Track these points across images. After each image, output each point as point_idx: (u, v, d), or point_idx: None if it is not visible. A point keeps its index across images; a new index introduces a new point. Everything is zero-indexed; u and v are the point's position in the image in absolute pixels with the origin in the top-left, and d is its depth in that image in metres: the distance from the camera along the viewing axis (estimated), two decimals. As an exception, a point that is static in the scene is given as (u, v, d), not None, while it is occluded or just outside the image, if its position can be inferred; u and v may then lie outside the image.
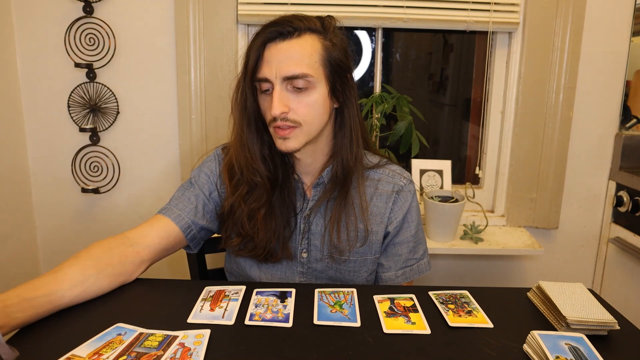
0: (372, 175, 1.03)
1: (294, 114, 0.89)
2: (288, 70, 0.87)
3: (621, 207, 1.65)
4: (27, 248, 1.68)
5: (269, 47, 0.89)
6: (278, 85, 0.88)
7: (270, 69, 0.88)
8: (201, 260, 1.20)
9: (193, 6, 1.54)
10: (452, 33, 1.80)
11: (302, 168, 1.01)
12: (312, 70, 0.89)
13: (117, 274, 0.86)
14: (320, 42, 0.91)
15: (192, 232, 0.99)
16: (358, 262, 1.01)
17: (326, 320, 0.76)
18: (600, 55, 1.63)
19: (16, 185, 1.62)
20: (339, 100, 0.95)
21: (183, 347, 0.67)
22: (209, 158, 1.07)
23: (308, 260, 1.01)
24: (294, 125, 0.90)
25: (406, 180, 1.04)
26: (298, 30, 0.89)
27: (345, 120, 0.96)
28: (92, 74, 1.59)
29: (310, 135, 0.92)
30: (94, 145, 1.65)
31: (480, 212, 1.71)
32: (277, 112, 0.87)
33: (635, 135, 1.67)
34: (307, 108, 0.90)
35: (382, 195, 1.02)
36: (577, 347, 0.64)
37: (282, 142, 0.91)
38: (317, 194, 1.01)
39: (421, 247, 1.07)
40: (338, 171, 0.97)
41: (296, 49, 0.88)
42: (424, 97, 1.89)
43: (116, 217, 1.71)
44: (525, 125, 1.65)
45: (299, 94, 0.89)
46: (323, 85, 0.91)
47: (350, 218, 0.98)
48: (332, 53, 0.91)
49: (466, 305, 0.82)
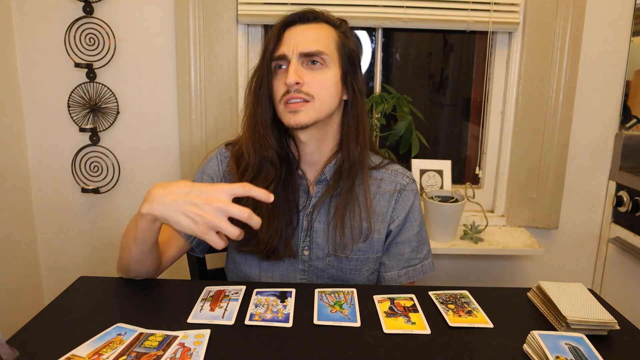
0: (375, 175, 1.04)
1: (307, 87, 0.92)
2: (305, 46, 0.92)
3: (621, 207, 1.65)
4: (27, 248, 1.68)
5: (288, 30, 0.95)
6: (294, 59, 0.92)
7: (288, 46, 0.93)
8: (201, 260, 1.20)
9: (193, 6, 1.54)
10: (452, 33, 1.80)
11: (306, 158, 1.02)
12: (328, 50, 0.94)
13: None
14: (336, 32, 0.97)
15: (196, 239, 0.99)
16: (360, 261, 1.01)
17: (326, 320, 0.76)
18: (600, 55, 1.63)
19: (16, 185, 1.62)
20: (349, 92, 0.98)
21: (183, 347, 0.67)
22: (210, 158, 1.08)
23: (309, 258, 1.01)
24: (306, 98, 0.92)
25: (409, 179, 1.06)
26: (317, 19, 0.96)
27: (353, 114, 0.99)
28: (92, 74, 1.59)
29: (320, 113, 0.94)
30: (94, 145, 1.65)
31: (480, 212, 1.71)
32: (292, 80, 0.90)
33: (635, 135, 1.67)
34: (321, 83, 0.93)
35: (384, 194, 1.03)
36: (577, 347, 0.64)
37: (292, 115, 0.92)
38: (320, 190, 1.01)
39: (424, 247, 1.07)
40: (344, 165, 0.98)
41: (314, 30, 0.95)
42: (424, 97, 1.89)
43: (116, 217, 1.71)
44: (525, 125, 1.65)
45: (313, 70, 0.93)
46: (336, 68, 0.95)
47: (355, 214, 0.98)
48: (347, 43, 0.97)
49: (466, 305, 0.82)
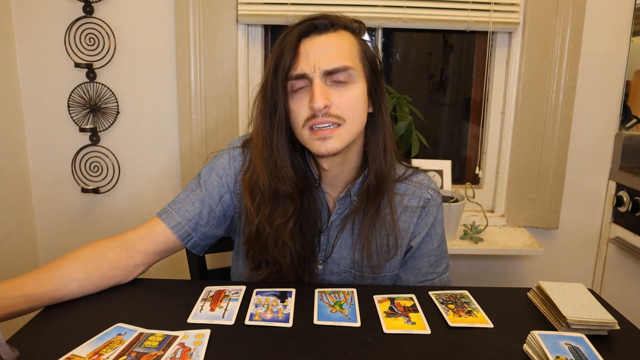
0: (399, 188, 0.96)
1: (336, 109, 0.82)
2: (329, 63, 0.81)
3: (621, 207, 1.65)
4: (27, 248, 1.68)
5: (303, 42, 0.82)
6: (318, 79, 0.81)
7: (308, 63, 0.81)
8: (201, 260, 1.20)
9: (193, 6, 1.54)
10: (452, 33, 1.80)
11: (328, 180, 0.93)
12: (353, 64, 0.83)
13: (105, 278, 0.84)
14: (357, 39, 0.87)
15: (193, 240, 0.94)
16: (377, 279, 0.97)
17: (326, 320, 0.76)
18: (600, 55, 1.63)
19: (16, 185, 1.62)
20: (375, 105, 0.89)
21: (183, 347, 0.67)
22: (221, 155, 0.97)
23: (323, 271, 0.96)
24: (336, 122, 0.82)
25: (433, 192, 0.98)
26: (334, 26, 0.85)
27: (379, 126, 0.89)
28: (92, 74, 1.59)
29: (352, 135, 0.84)
30: (94, 145, 1.65)
31: (480, 212, 1.71)
32: (320, 104, 0.79)
33: (635, 135, 1.67)
34: (350, 102, 0.83)
35: (407, 209, 0.96)
36: (577, 347, 0.64)
37: (322, 142, 0.82)
38: (341, 207, 0.94)
39: (444, 260, 1.01)
40: (371, 182, 0.90)
41: (335, 41, 0.83)
42: (424, 97, 1.89)
43: (116, 217, 1.71)
44: (525, 125, 1.65)
45: (340, 88, 0.83)
46: (363, 82, 0.85)
47: (382, 234, 0.91)
48: (368, 51, 0.87)
49: (466, 305, 0.82)
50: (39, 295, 0.77)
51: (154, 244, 0.91)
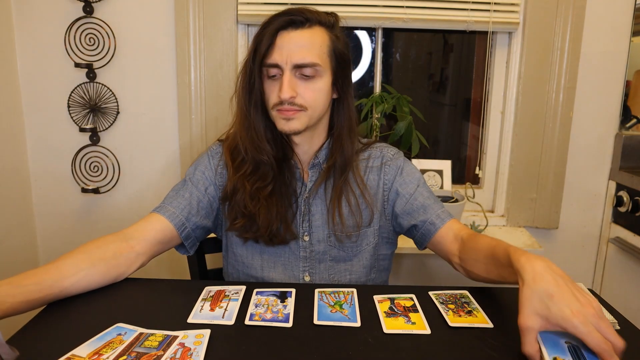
0: (362, 155, 1.08)
1: (300, 99, 0.94)
2: (299, 58, 0.92)
3: (621, 207, 1.65)
4: (27, 248, 1.68)
5: (280, 35, 0.93)
6: (288, 71, 0.92)
7: (281, 55, 0.92)
8: (201, 260, 1.20)
9: (193, 6, 1.54)
10: (452, 33, 1.80)
11: (300, 156, 1.05)
12: (321, 60, 0.94)
13: (110, 267, 0.87)
14: (328, 35, 0.97)
15: (187, 230, 0.99)
16: (360, 236, 1.03)
17: (326, 320, 0.76)
18: (600, 55, 1.63)
19: (16, 185, 1.62)
20: (339, 92, 1.01)
21: (183, 347, 0.67)
22: (201, 156, 1.10)
23: (310, 243, 1.03)
24: (299, 109, 0.94)
25: (394, 151, 1.09)
26: (310, 22, 0.94)
27: (344, 109, 1.02)
28: (92, 74, 1.59)
29: (312, 119, 0.97)
30: (94, 145, 1.65)
31: (480, 212, 1.71)
32: (286, 95, 0.92)
33: (635, 135, 1.67)
34: (314, 94, 0.95)
35: (372, 169, 1.07)
36: (577, 347, 0.64)
37: (286, 122, 0.95)
38: (314, 174, 1.04)
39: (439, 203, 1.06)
40: (337, 158, 1.01)
41: (307, 38, 0.93)
42: (424, 97, 1.89)
43: (116, 217, 1.71)
44: (525, 125, 1.65)
45: (306, 81, 0.94)
46: (328, 75, 0.97)
47: (352, 199, 1.01)
48: (338, 46, 0.97)
49: (466, 305, 0.82)
50: (49, 283, 0.79)
51: (153, 231, 0.95)
